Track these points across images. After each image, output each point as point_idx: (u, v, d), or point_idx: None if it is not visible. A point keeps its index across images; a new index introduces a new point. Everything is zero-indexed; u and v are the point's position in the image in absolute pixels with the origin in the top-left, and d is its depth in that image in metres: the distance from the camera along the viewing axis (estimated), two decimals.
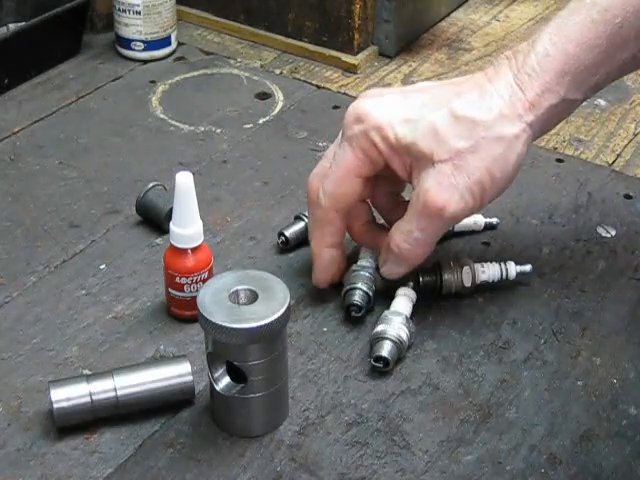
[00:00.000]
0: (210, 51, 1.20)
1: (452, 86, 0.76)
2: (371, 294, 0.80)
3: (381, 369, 0.75)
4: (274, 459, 0.69)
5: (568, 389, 0.75)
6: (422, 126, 0.73)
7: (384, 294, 0.82)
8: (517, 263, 0.83)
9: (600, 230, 0.90)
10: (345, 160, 0.75)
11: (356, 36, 1.15)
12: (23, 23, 1.12)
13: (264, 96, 1.11)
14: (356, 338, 0.79)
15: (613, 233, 0.90)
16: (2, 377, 0.75)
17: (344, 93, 1.12)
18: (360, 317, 0.80)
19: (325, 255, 0.79)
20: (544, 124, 0.75)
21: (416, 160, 0.74)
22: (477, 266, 0.83)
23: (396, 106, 0.75)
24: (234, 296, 0.68)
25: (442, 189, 0.72)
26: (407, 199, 0.78)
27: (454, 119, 0.73)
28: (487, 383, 0.75)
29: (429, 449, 0.70)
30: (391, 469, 0.69)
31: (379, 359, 0.75)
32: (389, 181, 0.80)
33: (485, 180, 0.73)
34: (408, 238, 0.75)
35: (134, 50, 1.16)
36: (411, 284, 0.81)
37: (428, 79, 1.14)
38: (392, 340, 0.75)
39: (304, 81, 1.14)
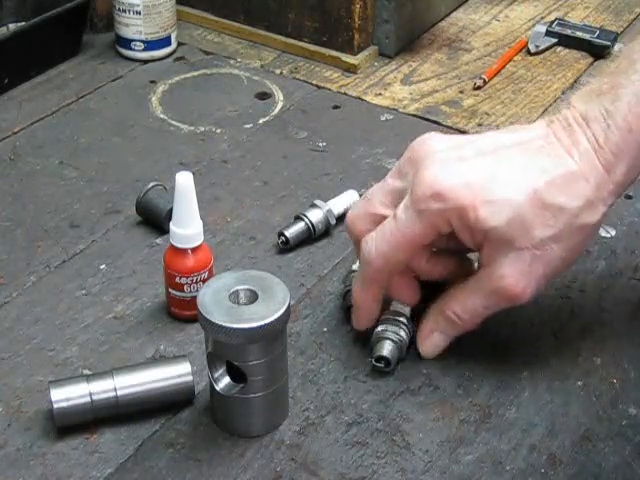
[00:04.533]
0: (210, 51, 1.20)
1: (532, 153, 0.71)
2: None
3: (382, 369, 0.75)
4: (274, 459, 0.69)
5: (568, 389, 0.75)
6: (507, 211, 0.69)
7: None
8: None
9: (600, 230, 0.90)
10: (412, 230, 0.71)
11: (356, 36, 1.15)
12: (23, 23, 1.12)
13: (264, 96, 1.11)
14: (356, 338, 0.79)
15: (613, 233, 0.90)
16: (2, 377, 0.75)
17: (344, 93, 1.12)
18: None
19: (369, 308, 0.76)
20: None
21: (492, 242, 0.71)
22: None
23: (478, 183, 0.70)
24: (234, 296, 0.68)
25: (521, 277, 0.71)
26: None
27: (541, 205, 0.69)
28: (487, 383, 0.75)
29: (429, 449, 0.70)
30: (391, 469, 0.69)
31: (380, 359, 0.75)
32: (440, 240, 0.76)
33: (561, 267, 0.72)
34: (470, 310, 0.74)
35: (134, 50, 1.16)
36: None
37: (428, 79, 1.14)
38: (393, 340, 0.75)
39: (304, 81, 1.14)
